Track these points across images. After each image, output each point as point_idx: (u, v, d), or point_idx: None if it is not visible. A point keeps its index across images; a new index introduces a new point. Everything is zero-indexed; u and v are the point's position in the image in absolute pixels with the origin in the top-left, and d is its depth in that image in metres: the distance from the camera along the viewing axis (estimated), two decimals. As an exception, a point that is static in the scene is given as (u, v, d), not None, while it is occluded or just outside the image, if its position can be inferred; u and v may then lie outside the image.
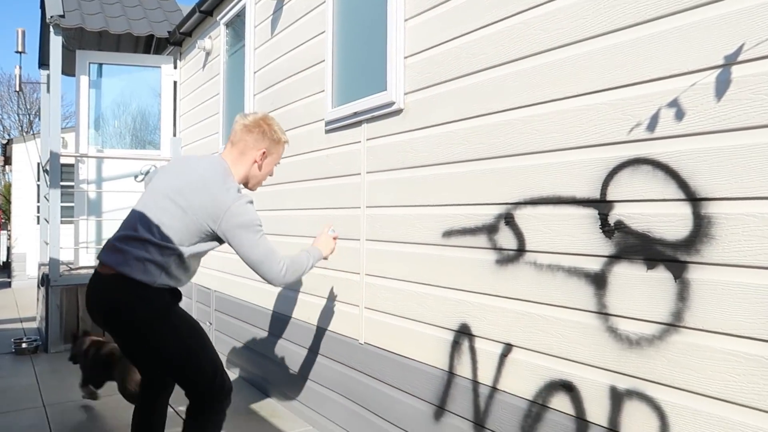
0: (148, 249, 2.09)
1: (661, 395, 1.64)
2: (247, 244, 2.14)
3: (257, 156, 2.32)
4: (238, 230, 2.12)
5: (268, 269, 2.18)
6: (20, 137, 11.80)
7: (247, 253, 2.16)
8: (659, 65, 1.65)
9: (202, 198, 2.12)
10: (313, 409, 3.32)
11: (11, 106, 27.51)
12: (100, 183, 6.02)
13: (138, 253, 2.08)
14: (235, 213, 2.11)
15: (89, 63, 5.96)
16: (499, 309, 2.15)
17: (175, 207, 2.12)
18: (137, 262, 2.07)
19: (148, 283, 2.08)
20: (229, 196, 2.13)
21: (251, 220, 2.14)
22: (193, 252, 2.16)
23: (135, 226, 2.14)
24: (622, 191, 1.75)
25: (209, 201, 2.11)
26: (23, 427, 3.29)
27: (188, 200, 2.12)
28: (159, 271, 2.10)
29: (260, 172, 2.36)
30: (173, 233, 2.11)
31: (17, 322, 6.84)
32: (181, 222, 2.11)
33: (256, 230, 2.15)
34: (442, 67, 2.44)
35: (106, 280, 2.13)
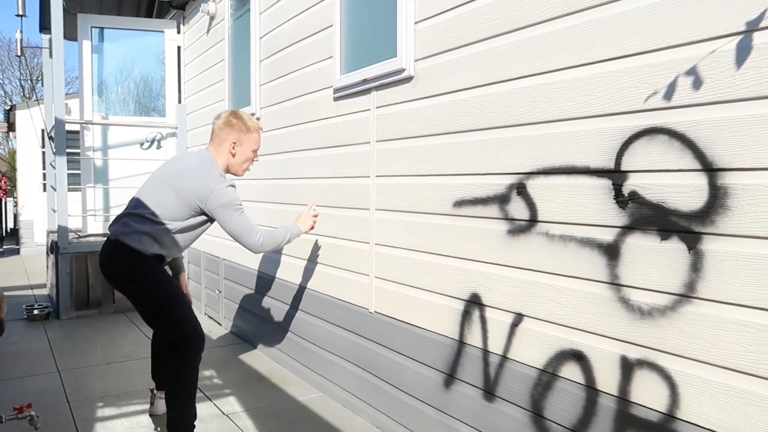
0: (144, 224, 2.59)
1: (672, 365, 1.65)
2: (228, 219, 2.63)
3: (230, 146, 2.75)
4: (220, 208, 2.61)
5: (247, 240, 2.67)
6: (23, 103, 11.72)
7: (228, 227, 2.65)
8: (678, 32, 1.61)
9: (190, 183, 2.60)
10: (323, 376, 3.38)
11: (12, 71, 27.30)
12: (105, 150, 6.00)
13: (137, 227, 2.59)
14: (218, 194, 2.59)
15: (91, 27, 5.88)
16: (510, 279, 2.15)
17: (169, 189, 2.61)
18: (135, 234, 2.59)
19: (141, 250, 2.58)
20: (213, 180, 2.60)
21: (231, 200, 2.62)
22: (183, 226, 2.64)
23: (137, 205, 2.65)
24: (636, 161, 1.73)
25: (196, 185, 2.59)
26: (39, 391, 3.36)
27: (179, 184, 2.61)
28: (152, 241, 2.60)
29: (235, 159, 2.77)
30: (167, 210, 2.60)
31: (28, 289, 6.93)
32: (174, 201, 2.60)
33: (236, 209, 2.63)
34: (453, 32, 2.39)
35: (111, 246, 2.66)
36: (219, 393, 3.37)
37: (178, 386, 2.62)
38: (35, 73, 25.66)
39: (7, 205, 15.72)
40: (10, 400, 2.98)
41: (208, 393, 3.36)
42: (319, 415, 3.08)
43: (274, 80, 3.95)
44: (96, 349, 4.26)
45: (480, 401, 2.29)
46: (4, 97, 27.40)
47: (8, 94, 27.55)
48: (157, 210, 2.59)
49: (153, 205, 2.60)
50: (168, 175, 2.67)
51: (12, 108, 11.91)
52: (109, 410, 3.11)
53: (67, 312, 5.23)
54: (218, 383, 3.55)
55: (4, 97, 27.36)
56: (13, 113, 11.70)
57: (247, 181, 4.39)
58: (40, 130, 9.83)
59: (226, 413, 3.07)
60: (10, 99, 26.76)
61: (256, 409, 3.14)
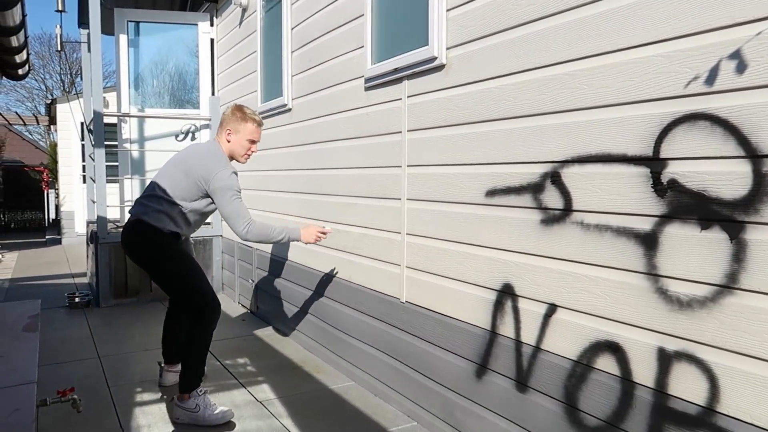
0: (161, 203, 2.91)
1: (712, 357, 1.61)
2: (222, 202, 2.87)
3: (225, 134, 3.03)
4: (218, 191, 2.86)
5: (233, 224, 2.88)
6: (63, 97, 12.03)
7: (222, 209, 2.89)
8: (721, 14, 1.56)
9: (199, 167, 2.89)
10: (355, 365, 3.40)
11: (53, 66, 28.06)
12: (142, 142, 6.13)
13: (154, 206, 2.91)
14: (219, 178, 2.85)
15: (127, 21, 5.98)
16: (543, 269, 2.12)
17: (180, 173, 2.92)
18: (153, 213, 2.90)
19: (159, 227, 2.89)
20: (218, 166, 2.88)
21: (230, 185, 2.86)
22: (193, 207, 2.94)
23: (154, 187, 2.97)
24: (676, 148, 1.68)
25: (204, 169, 2.88)
26: (81, 376, 3.47)
27: (189, 167, 2.91)
28: (168, 219, 2.91)
29: (230, 145, 3.02)
30: (179, 192, 2.90)
31: (69, 278, 7.15)
32: (185, 183, 2.90)
33: (233, 194, 2.86)
34: (486, 19, 2.36)
35: (132, 225, 2.95)
36: (253, 380, 3.42)
37: (193, 349, 2.89)
38: (74, 68, 26.36)
39: (49, 196, 16.20)
40: (53, 383, 3.08)
41: (243, 380, 3.41)
42: (350, 403, 3.10)
43: (306, 71, 3.97)
44: (134, 335, 4.37)
45: (512, 392, 2.27)
46: (45, 91, 28.22)
47: (49, 88, 28.36)
48: (171, 191, 2.90)
49: (168, 187, 2.91)
50: (181, 160, 2.98)
51: (53, 102, 12.24)
52: (147, 395, 3.19)
53: (106, 300, 5.38)
54: (252, 371, 3.61)
55: (45, 92, 28.18)
56: (53, 107, 12.02)
57: (279, 171, 4.44)
58: (79, 124, 10.09)
59: (259, 400, 3.12)
60: (51, 93, 27.56)
61: (288, 396, 3.18)
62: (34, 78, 27.21)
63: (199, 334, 2.89)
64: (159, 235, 2.89)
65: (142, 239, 2.91)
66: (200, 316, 2.87)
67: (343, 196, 3.50)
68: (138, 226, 2.90)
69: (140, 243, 2.93)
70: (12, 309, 3.10)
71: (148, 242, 2.90)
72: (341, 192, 3.52)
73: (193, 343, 2.89)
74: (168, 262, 2.92)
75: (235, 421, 2.85)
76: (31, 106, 28.01)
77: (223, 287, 5.93)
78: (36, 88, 28.42)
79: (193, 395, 2.83)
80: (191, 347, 2.89)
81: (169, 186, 2.92)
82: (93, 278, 5.80)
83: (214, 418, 2.81)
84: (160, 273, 2.96)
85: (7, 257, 9.44)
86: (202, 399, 2.83)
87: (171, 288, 3.01)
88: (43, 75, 27.98)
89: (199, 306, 2.87)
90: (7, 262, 8.84)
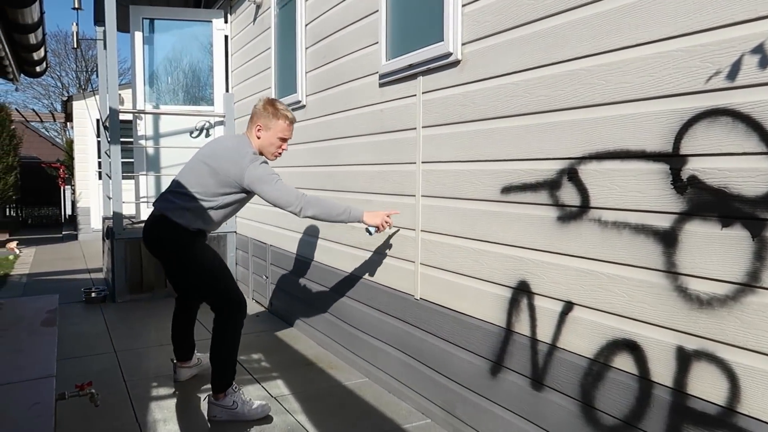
0: (187, 200, 2.82)
1: (733, 357, 1.58)
2: (266, 189, 2.78)
3: (255, 129, 2.92)
4: (257, 183, 2.78)
5: (285, 203, 2.79)
6: (79, 94, 12.14)
7: (267, 197, 2.80)
8: (743, 8, 1.53)
9: (227, 163, 2.79)
10: (369, 361, 3.40)
11: (69, 63, 28.34)
12: (157, 139, 6.17)
13: (180, 203, 2.82)
14: (252, 171, 2.77)
15: (142, 18, 6.02)
16: (560, 267, 2.11)
17: (208, 168, 2.82)
18: (178, 209, 2.81)
19: (184, 225, 2.81)
20: (246, 160, 2.78)
21: (264, 173, 2.78)
22: (222, 202, 2.85)
23: (180, 183, 2.88)
24: (697, 144, 1.65)
25: (232, 165, 2.78)
26: (97, 370, 3.50)
27: (218, 163, 2.81)
28: (194, 217, 2.83)
29: (260, 141, 2.92)
30: (207, 188, 2.82)
31: (85, 273, 7.22)
32: (213, 179, 2.81)
33: (270, 180, 2.78)
34: (502, 15, 2.34)
35: (156, 220, 2.88)
36: (267, 376, 3.44)
37: (223, 349, 2.85)
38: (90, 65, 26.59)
39: (66, 192, 16.39)
40: (71, 377, 3.11)
41: (257, 376, 3.43)
42: (364, 400, 3.10)
43: (320, 67, 3.97)
44: (149, 331, 4.41)
45: (527, 390, 2.26)
46: (62, 88, 28.51)
47: (65, 85, 28.66)
48: (197, 188, 2.82)
49: (194, 183, 2.83)
50: (207, 155, 2.87)
51: (69, 99, 12.35)
52: (162, 390, 3.22)
53: (122, 295, 5.43)
54: (266, 366, 3.62)
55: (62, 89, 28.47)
56: (70, 104, 12.13)
57: (294, 168, 4.44)
58: (95, 120, 10.19)
59: (274, 396, 3.14)
60: (67, 90, 27.85)
61: (302, 392, 3.19)
62: (50, 75, 27.52)
63: (228, 333, 2.85)
64: (184, 232, 2.82)
65: (165, 236, 2.85)
66: (228, 316, 2.85)
67: (357, 192, 3.50)
68: (162, 222, 2.83)
69: (164, 239, 2.87)
70: (30, 304, 3.14)
71: (172, 239, 2.83)
72: (355, 188, 3.52)
73: (223, 343, 2.85)
74: (194, 261, 2.86)
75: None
76: (48, 103, 28.35)
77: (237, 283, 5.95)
78: (52, 86, 28.73)
79: (229, 392, 2.83)
80: (221, 348, 2.85)
81: (195, 183, 2.84)
82: (109, 274, 5.86)
83: (254, 413, 2.83)
84: (183, 270, 2.92)
85: (24, 252, 9.56)
86: (238, 395, 2.84)
87: (194, 285, 2.99)
88: (59, 72, 28.28)
89: (226, 306, 2.85)
90: (25, 258, 8.95)
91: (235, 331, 2.87)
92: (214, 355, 2.86)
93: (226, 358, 2.86)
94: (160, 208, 2.87)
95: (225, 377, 2.84)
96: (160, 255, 2.96)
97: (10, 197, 10.83)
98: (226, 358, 2.85)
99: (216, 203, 2.84)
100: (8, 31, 3.68)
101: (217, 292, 2.87)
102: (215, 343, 2.86)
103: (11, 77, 4.73)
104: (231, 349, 2.87)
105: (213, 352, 2.87)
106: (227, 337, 2.85)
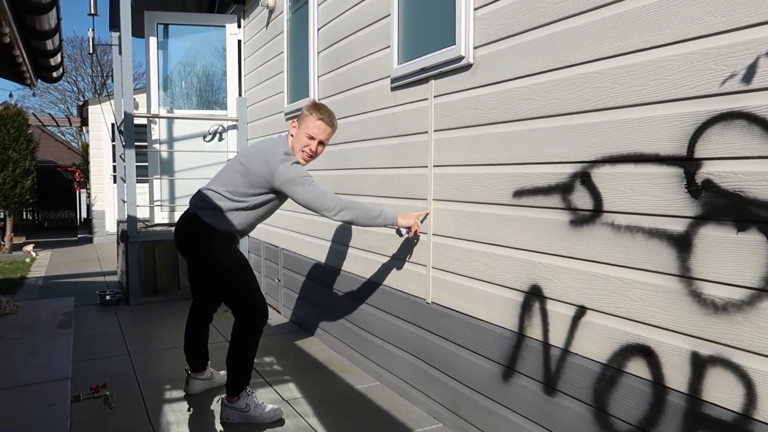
0: (218, 200, 2.78)
1: (749, 363, 1.56)
2: (298, 191, 2.70)
3: (291, 127, 2.88)
4: (288, 184, 2.70)
5: (320, 207, 2.71)
6: (95, 99, 12.29)
7: (300, 200, 2.72)
8: (760, 10, 1.51)
9: (258, 163, 2.73)
10: (380, 365, 3.40)
11: (84, 68, 28.69)
12: (171, 143, 6.22)
13: (210, 202, 2.79)
14: (283, 172, 2.68)
15: (157, 24, 6.08)
16: (572, 271, 2.09)
17: (242, 167, 2.77)
18: (207, 208, 2.79)
19: (213, 225, 2.76)
20: (276, 160, 2.70)
21: (296, 174, 2.69)
22: (250, 203, 2.78)
23: (216, 180, 2.86)
24: (711, 148, 1.64)
25: (263, 166, 2.72)
26: (112, 372, 3.54)
27: (250, 162, 2.75)
28: (224, 218, 2.77)
29: (292, 139, 2.85)
30: (236, 187, 2.76)
31: (100, 276, 7.29)
32: (245, 178, 2.74)
33: (304, 182, 2.70)
34: (514, 18, 2.34)
35: (188, 218, 2.86)
36: (279, 379, 3.45)
37: (241, 354, 2.84)
38: (106, 70, 26.90)
39: (81, 196, 16.57)
40: (85, 379, 3.14)
41: (269, 379, 3.44)
42: (376, 403, 3.10)
43: (332, 71, 3.98)
44: (163, 333, 4.44)
45: (540, 395, 2.24)
46: (78, 93, 28.87)
47: (81, 90, 29.02)
48: (228, 187, 2.77)
49: (227, 183, 2.79)
50: (244, 155, 2.85)
51: (85, 104, 12.50)
52: (176, 392, 3.24)
53: (136, 298, 5.47)
54: (278, 370, 3.63)
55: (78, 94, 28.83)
56: (85, 109, 12.28)
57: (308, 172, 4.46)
58: (110, 125, 10.29)
59: (286, 399, 3.14)
60: (83, 95, 28.19)
61: (314, 396, 3.19)
62: (66, 80, 27.89)
63: (246, 340, 2.83)
64: (211, 232, 2.75)
65: (194, 236, 2.81)
66: (250, 322, 2.83)
67: (369, 196, 3.50)
68: (192, 220, 2.79)
69: (192, 239, 2.82)
70: (47, 306, 3.17)
71: (199, 240, 2.78)
72: (367, 192, 3.52)
73: (241, 349, 2.83)
74: (219, 263, 2.79)
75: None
76: (64, 107, 28.72)
77: (249, 286, 5.98)
78: (68, 90, 29.12)
79: (243, 395, 2.84)
80: (239, 352, 2.84)
81: (228, 182, 2.78)
82: (123, 276, 5.91)
83: (267, 416, 2.84)
84: (209, 273, 2.84)
85: (40, 255, 9.68)
86: (251, 398, 2.85)
87: (219, 289, 2.90)
88: (75, 77, 28.65)
89: (248, 313, 2.83)
90: (41, 260, 9.06)
91: (253, 338, 2.85)
92: (231, 360, 2.85)
93: (243, 364, 2.85)
94: (193, 205, 2.84)
95: (240, 381, 2.85)
96: (189, 254, 2.89)
97: (27, 201, 10.95)
98: (242, 363, 2.85)
99: (245, 204, 2.76)
100: (26, 37, 3.73)
101: (239, 297, 2.83)
102: (233, 348, 2.84)
103: (28, 82, 4.80)
104: (248, 355, 2.86)
105: (230, 356, 2.85)
106: (245, 344, 2.84)
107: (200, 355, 3.22)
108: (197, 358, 3.21)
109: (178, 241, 2.90)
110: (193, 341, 3.19)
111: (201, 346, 3.21)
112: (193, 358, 3.21)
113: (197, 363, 3.22)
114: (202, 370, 3.24)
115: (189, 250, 2.87)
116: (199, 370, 3.24)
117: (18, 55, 3.78)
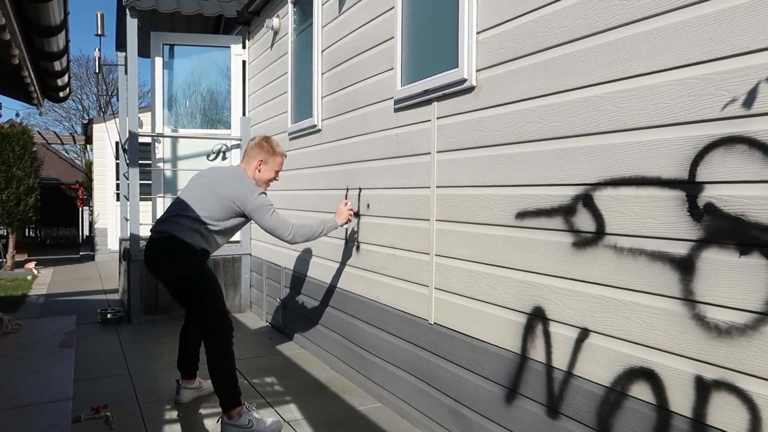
0: (194, 223, 3.06)
1: (753, 387, 1.56)
2: (263, 218, 3.13)
3: (256, 164, 3.26)
4: (257, 209, 3.11)
5: (280, 234, 3.16)
6: (99, 117, 12.39)
7: (263, 225, 3.15)
8: (759, 36, 1.54)
9: (231, 190, 3.11)
10: (382, 386, 3.38)
11: (90, 87, 28.94)
12: (174, 162, 6.26)
13: (190, 225, 3.06)
14: (253, 199, 3.10)
15: (162, 44, 6.15)
16: (575, 293, 2.09)
17: (213, 195, 3.11)
18: (188, 230, 3.05)
19: (194, 245, 3.04)
20: (249, 189, 3.13)
21: (264, 203, 3.12)
22: (224, 226, 3.14)
23: (185, 207, 3.10)
24: (713, 172, 1.65)
25: (236, 192, 3.11)
26: (112, 392, 3.52)
27: (222, 190, 3.11)
28: (201, 238, 3.08)
29: (260, 175, 3.26)
30: (212, 213, 3.09)
31: (101, 294, 7.29)
32: (219, 205, 3.09)
33: (268, 209, 3.13)
34: (516, 42, 2.37)
35: (162, 242, 3.08)
36: (280, 400, 3.42)
37: (218, 364, 2.97)
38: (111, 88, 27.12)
39: (84, 213, 16.61)
40: (85, 399, 3.12)
41: (270, 399, 3.42)
42: (377, 425, 3.08)
43: (335, 92, 4.02)
44: (164, 352, 4.42)
45: (543, 417, 2.23)
46: (82, 111, 29.10)
47: (86, 108, 29.25)
48: (204, 212, 3.08)
49: (200, 208, 3.09)
50: (211, 183, 3.17)
51: (89, 122, 12.60)
52: (176, 412, 3.22)
53: (137, 316, 5.46)
54: (279, 390, 3.61)
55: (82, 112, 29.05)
56: (90, 127, 12.37)
57: (309, 191, 4.48)
58: (114, 143, 10.36)
59: (287, 420, 3.12)
60: (88, 113, 28.40)
61: (316, 417, 3.17)
62: (71, 98, 28.11)
63: (220, 350, 2.97)
64: (193, 252, 3.04)
65: (175, 255, 3.04)
66: (215, 332, 2.98)
67: (371, 216, 3.52)
68: (173, 241, 3.02)
69: (173, 259, 3.04)
70: (49, 325, 3.17)
71: (182, 259, 3.03)
72: (370, 212, 3.54)
73: (218, 360, 2.96)
74: (197, 278, 3.05)
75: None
76: (69, 125, 28.94)
77: (251, 305, 5.98)
78: (73, 108, 29.36)
79: (243, 412, 2.91)
80: (216, 362, 2.96)
81: (201, 208, 3.08)
82: (125, 295, 5.90)
83: (270, 430, 2.92)
84: (185, 289, 3.09)
85: (42, 273, 9.68)
86: (252, 414, 2.93)
87: (191, 303, 3.14)
88: (80, 95, 28.91)
89: (215, 322, 2.99)
90: (43, 278, 9.06)
91: (226, 346, 3.00)
92: (213, 374, 2.96)
93: (226, 374, 2.96)
94: (169, 229, 3.06)
95: (231, 393, 2.93)
96: (164, 273, 3.13)
97: (30, 218, 10.98)
98: (224, 374, 2.95)
99: (220, 227, 3.12)
100: (34, 58, 3.78)
101: (207, 307, 3.02)
102: (210, 362, 2.97)
103: (35, 102, 4.85)
104: (225, 364, 2.97)
105: (211, 371, 2.97)
106: (221, 353, 2.97)
107: (191, 359, 3.40)
108: (187, 361, 3.40)
109: (153, 262, 3.13)
110: (186, 343, 3.41)
111: (193, 349, 3.40)
112: (184, 360, 3.40)
113: (188, 368, 3.41)
114: (192, 377, 3.41)
115: (168, 267, 3.10)
116: (190, 377, 3.41)
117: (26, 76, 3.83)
